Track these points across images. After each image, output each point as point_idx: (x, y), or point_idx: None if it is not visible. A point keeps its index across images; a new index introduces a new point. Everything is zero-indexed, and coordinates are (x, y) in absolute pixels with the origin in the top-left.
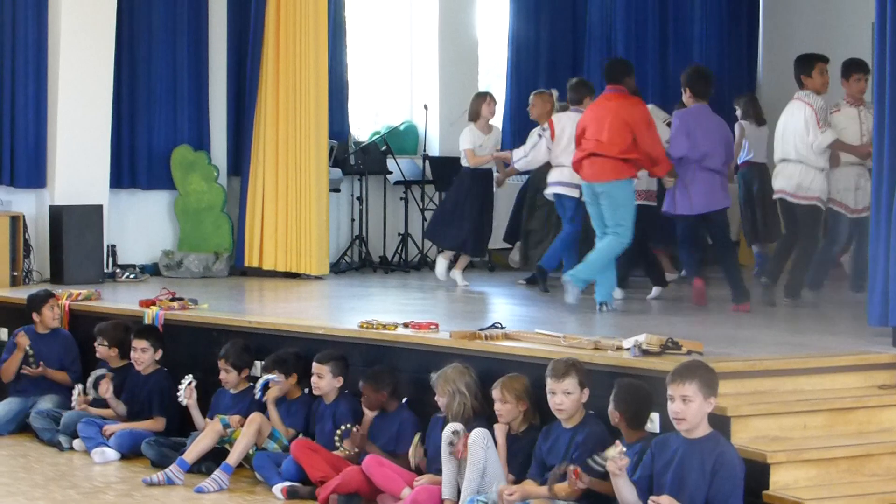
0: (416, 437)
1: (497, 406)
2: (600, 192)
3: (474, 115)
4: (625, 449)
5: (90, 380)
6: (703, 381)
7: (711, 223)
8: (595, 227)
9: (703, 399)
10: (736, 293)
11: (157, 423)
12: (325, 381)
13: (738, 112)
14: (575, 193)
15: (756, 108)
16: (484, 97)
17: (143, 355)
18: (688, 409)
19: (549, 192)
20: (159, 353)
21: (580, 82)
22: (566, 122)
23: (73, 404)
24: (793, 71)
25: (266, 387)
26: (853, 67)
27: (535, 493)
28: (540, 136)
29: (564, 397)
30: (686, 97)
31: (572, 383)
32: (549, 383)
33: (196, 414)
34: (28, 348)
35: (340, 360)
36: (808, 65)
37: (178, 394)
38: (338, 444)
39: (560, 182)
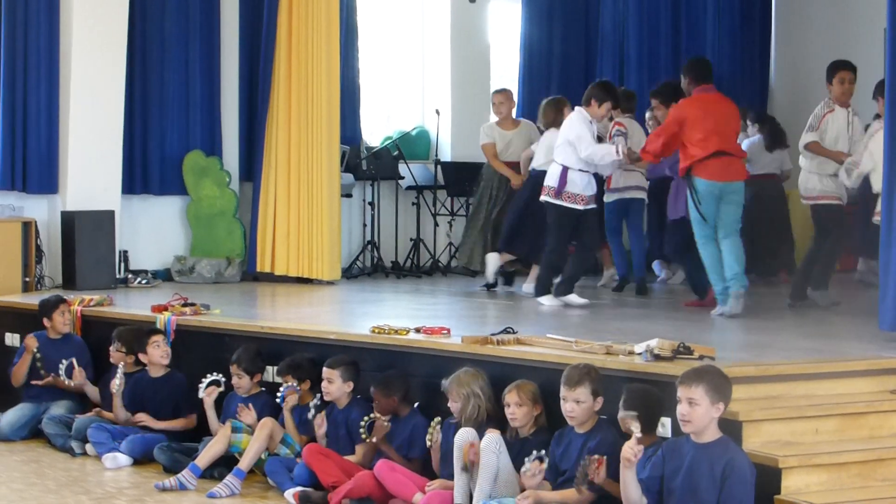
0: (434, 422)
1: (512, 409)
2: (730, 192)
3: (556, 122)
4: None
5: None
6: (710, 385)
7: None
8: (701, 227)
9: (710, 403)
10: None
11: (189, 422)
12: (335, 385)
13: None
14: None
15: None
16: (565, 104)
17: (166, 347)
18: (693, 412)
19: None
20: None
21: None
22: (635, 127)
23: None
24: (804, 75)
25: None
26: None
27: (548, 498)
28: (622, 134)
29: (575, 405)
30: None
31: (584, 392)
32: (562, 390)
33: (212, 415)
34: (36, 352)
35: (351, 365)
36: (830, 73)
37: (200, 388)
38: (363, 433)
39: (637, 186)
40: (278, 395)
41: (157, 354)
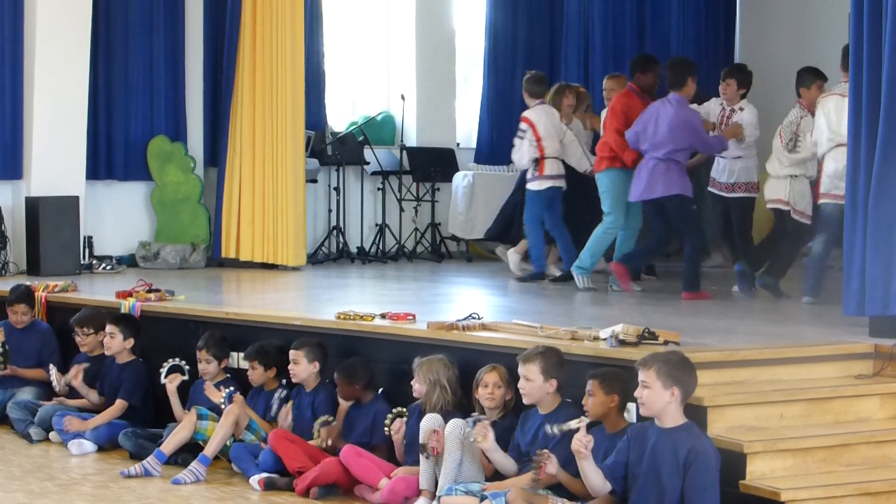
0: (389, 417)
1: (491, 390)
2: None
3: None
4: (586, 420)
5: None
6: (661, 368)
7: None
8: None
9: (663, 387)
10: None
11: (116, 408)
12: (300, 366)
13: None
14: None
15: None
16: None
17: (112, 341)
18: (645, 394)
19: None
20: (130, 342)
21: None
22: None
23: (54, 384)
24: (774, 60)
25: (230, 399)
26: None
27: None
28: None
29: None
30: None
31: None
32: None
33: (175, 402)
34: (2, 345)
35: (316, 346)
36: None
37: (161, 374)
38: (316, 434)
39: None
40: (222, 403)
41: (105, 342)
